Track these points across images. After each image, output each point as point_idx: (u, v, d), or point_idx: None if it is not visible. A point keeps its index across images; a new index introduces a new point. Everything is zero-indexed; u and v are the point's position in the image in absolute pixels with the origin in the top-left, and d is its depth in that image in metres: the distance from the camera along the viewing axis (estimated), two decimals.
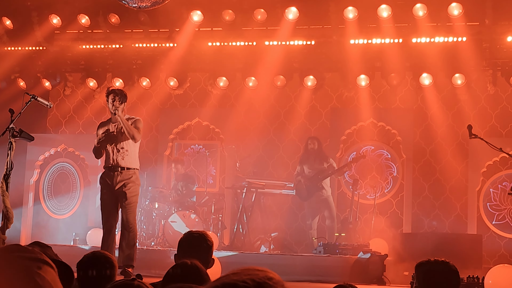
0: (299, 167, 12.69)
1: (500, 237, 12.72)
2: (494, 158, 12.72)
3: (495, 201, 12.88)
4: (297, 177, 12.59)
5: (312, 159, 12.57)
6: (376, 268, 9.95)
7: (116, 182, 8.90)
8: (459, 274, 4.22)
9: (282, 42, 12.64)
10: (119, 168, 8.91)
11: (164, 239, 12.22)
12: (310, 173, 12.52)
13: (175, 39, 13.05)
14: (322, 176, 12.44)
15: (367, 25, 12.19)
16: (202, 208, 12.80)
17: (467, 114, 13.01)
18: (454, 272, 4.16)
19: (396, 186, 13.40)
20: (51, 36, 13.56)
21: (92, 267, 4.07)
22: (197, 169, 14.16)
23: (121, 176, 8.92)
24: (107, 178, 8.96)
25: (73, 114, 14.82)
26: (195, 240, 4.64)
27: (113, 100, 8.96)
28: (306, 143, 12.71)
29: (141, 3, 7.61)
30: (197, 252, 4.57)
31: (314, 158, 12.56)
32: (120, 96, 9.03)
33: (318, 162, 12.52)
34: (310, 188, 12.45)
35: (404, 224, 13.08)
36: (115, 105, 8.93)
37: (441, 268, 4.16)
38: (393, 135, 13.40)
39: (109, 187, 8.93)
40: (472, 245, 11.14)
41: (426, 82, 12.51)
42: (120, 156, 8.92)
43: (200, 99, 14.26)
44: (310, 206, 12.54)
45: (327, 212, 12.51)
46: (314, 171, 12.50)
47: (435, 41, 12.02)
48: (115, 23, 12.83)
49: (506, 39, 11.93)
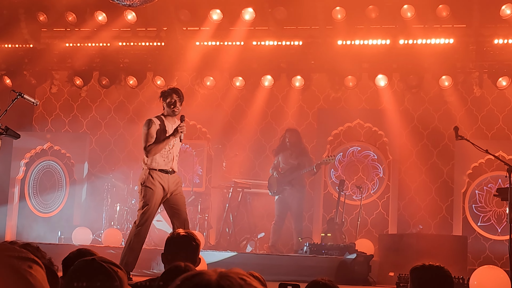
0: (277, 159, 12.33)
1: (485, 239, 12.78)
2: (480, 160, 12.77)
3: (481, 203, 12.94)
4: (272, 170, 12.30)
5: (288, 153, 12.17)
6: (361, 268, 9.97)
7: (170, 186, 8.43)
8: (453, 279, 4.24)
9: (270, 42, 12.65)
10: (173, 171, 8.50)
11: (150, 238, 12.20)
12: (284, 167, 12.17)
13: (162, 38, 13.04)
14: (296, 172, 12.01)
15: (355, 26, 12.22)
16: (188, 207, 12.76)
17: (453, 116, 13.08)
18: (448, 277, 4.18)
19: (382, 187, 13.44)
20: (38, 33, 13.53)
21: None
22: (183, 169, 14.13)
23: (174, 179, 8.50)
24: (161, 181, 8.39)
25: (59, 112, 14.76)
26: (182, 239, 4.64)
27: (176, 102, 8.47)
28: (284, 135, 12.32)
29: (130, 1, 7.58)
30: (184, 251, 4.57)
31: (291, 152, 12.16)
32: (182, 97, 8.58)
33: (294, 157, 12.13)
34: (281, 183, 12.07)
35: (390, 225, 13.11)
36: (177, 106, 8.48)
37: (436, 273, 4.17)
38: (380, 136, 13.43)
39: (163, 190, 8.40)
40: (457, 246, 11.17)
41: (413, 84, 12.54)
42: (175, 160, 8.53)
43: (187, 99, 14.14)
44: (280, 203, 12.16)
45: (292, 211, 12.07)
46: (288, 166, 12.12)
47: (423, 43, 12.07)
48: (102, 21, 12.79)
49: (493, 42, 11.99)
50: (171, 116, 8.54)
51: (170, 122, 8.55)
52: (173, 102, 8.43)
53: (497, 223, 12.79)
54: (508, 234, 8.39)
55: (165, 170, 8.42)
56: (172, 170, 8.47)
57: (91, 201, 13.71)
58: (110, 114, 14.48)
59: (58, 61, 13.86)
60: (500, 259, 12.39)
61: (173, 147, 8.48)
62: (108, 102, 14.45)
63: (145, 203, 8.33)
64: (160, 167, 8.40)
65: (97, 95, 14.45)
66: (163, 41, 13.06)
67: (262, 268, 9.21)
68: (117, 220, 12.82)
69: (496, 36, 11.91)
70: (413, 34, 12.04)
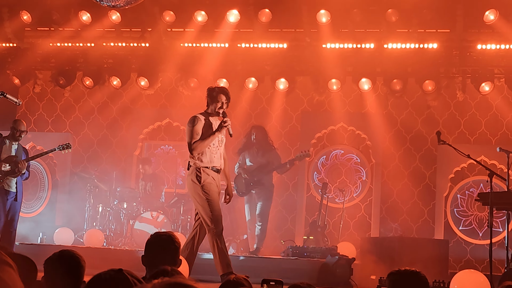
0: (241, 158, 11.90)
1: (467, 243, 12.84)
2: (462, 164, 12.84)
3: (462, 207, 13.00)
4: (238, 169, 11.85)
5: (255, 150, 11.81)
6: (343, 271, 9.98)
7: (218, 185, 8.18)
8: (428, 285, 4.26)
9: (255, 44, 12.65)
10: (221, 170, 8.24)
11: (132, 239, 12.17)
12: (251, 166, 11.79)
13: (147, 39, 13.01)
14: (265, 169, 11.68)
15: (340, 30, 12.24)
16: (171, 209, 12.76)
17: (436, 120, 13.15)
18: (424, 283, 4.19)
19: (365, 191, 13.47)
20: (22, 33, 13.45)
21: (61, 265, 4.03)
22: (166, 170, 14.11)
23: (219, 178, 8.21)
24: (215, 178, 8.11)
25: (42, 112, 14.70)
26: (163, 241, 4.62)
27: (223, 104, 8.21)
28: (250, 132, 11.99)
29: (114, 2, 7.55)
30: (165, 253, 4.55)
31: (257, 150, 11.80)
32: (229, 98, 8.34)
33: (261, 155, 11.78)
34: (250, 183, 11.71)
35: (372, 228, 13.15)
36: (224, 108, 8.21)
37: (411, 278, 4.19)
38: (363, 139, 13.47)
39: (216, 188, 8.13)
40: (438, 250, 11.21)
41: (396, 88, 12.58)
42: (222, 158, 8.23)
43: (171, 100, 14.22)
44: (249, 203, 11.84)
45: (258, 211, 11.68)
46: (256, 165, 11.74)
47: (407, 47, 12.10)
48: (86, 22, 12.73)
49: (476, 47, 12.05)
50: (216, 116, 8.25)
51: (214, 119, 8.26)
52: (220, 104, 8.19)
53: (478, 228, 12.86)
54: (489, 239, 8.44)
55: (215, 168, 8.12)
56: (221, 168, 8.21)
57: (73, 201, 13.64)
58: (93, 115, 14.43)
59: (42, 60, 13.78)
60: (481, 263, 12.46)
61: (221, 145, 8.20)
62: (92, 102, 14.40)
63: (211, 201, 7.99)
64: (212, 164, 8.08)
65: (81, 95, 14.39)
66: (147, 42, 13.03)
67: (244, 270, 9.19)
68: (99, 221, 12.78)
69: (479, 41, 11.97)
70: (397, 38, 12.08)
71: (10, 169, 9.86)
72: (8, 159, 9.91)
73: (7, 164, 9.86)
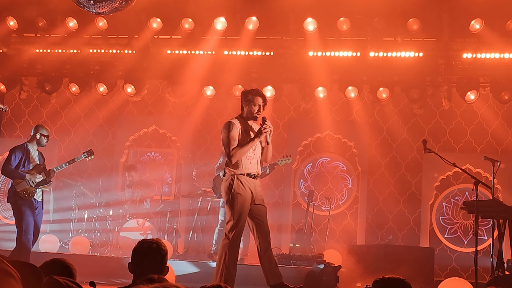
0: (221, 158, 11.30)
1: (452, 251, 12.89)
2: (448, 172, 12.91)
3: (448, 215, 13.05)
4: (217, 170, 11.42)
5: None
6: (329, 279, 9.98)
7: (257, 191, 7.79)
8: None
9: (241, 52, 12.66)
10: (258, 177, 7.87)
11: (118, 247, 12.14)
12: None
13: (133, 46, 12.99)
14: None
15: (326, 38, 12.28)
16: (157, 216, 12.73)
17: (422, 128, 13.21)
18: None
19: (351, 198, 13.50)
20: (8, 39, 13.40)
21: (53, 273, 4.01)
22: (152, 177, 14.09)
23: (259, 185, 7.88)
24: (250, 186, 7.73)
25: (28, 118, 14.64)
26: (150, 248, 4.59)
27: (261, 107, 7.96)
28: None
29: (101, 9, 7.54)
30: (152, 260, 4.54)
31: None
32: (266, 101, 8.10)
33: None
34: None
35: (358, 236, 13.17)
36: (261, 111, 7.94)
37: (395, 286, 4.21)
38: (349, 147, 13.50)
39: (251, 196, 7.73)
40: (424, 257, 11.25)
41: (383, 96, 12.62)
42: (259, 163, 7.88)
43: (158, 107, 14.21)
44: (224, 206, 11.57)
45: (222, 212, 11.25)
46: None
47: (393, 56, 12.15)
48: (73, 28, 12.70)
49: (462, 56, 12.12)
50: (251, 120, 7.96)
51: (251, 123, 7.97)
52: (258, 107, 7.91)
53: (464, 235, 12.91)
54: (474, 246, 8.48)
55: (252, 174, 7.77)
56: (258, 174, 7.88)
57: (59, 208, 13.58)
58: (79, 121, 14.39)
59: (28, 66, 13.75)
60: (466, 271, 12.51)
61: (255, 149, 7.84)
62: (78, 109, 14.36)
63: (237, 212, 7.61)
64: (247, 171, 7.73)
65: (67, 101, 14.35)
66: (134, 48, 13.01)
67: None
68: (85, 228, 12.73)
69: (464, 50, 12.04)
70: (384, 46, 12.13)
71: (42, 180, 9.66)
72: (38, 168, 9.70)
73: (39, 174, 9.59)
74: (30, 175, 9.43)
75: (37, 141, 9.67)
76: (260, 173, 7.93)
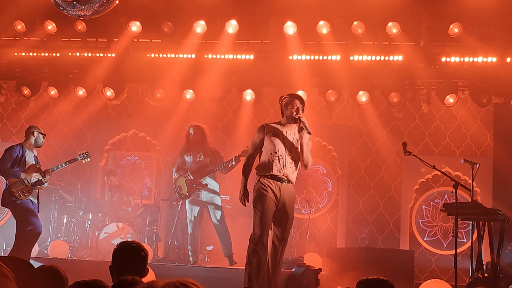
0: (180, 159, 11.41)
1: (431, 253, 12.95)
2: (427, 175, 12.98)
3: (427, 218, 13.12)
4: (178, 171, 11.37)
5: (196, 150, 11.33)
6: (310, 282, 9.99)
7: (283, 196, 7.75)
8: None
9: (221, 55, 12.64)
10: (288, 181, 7.80)
11: (98, 251, 12.07)
12: (193, 166, 11.30)
13: (113, 49, 12.93)
14: (209, 169, 11.23)
15: (306, 41, 12.29)
16: (136, 220, 12.68)
17: (401, 131, 13.27)
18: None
19: (331, 202, 13.52)
20: None
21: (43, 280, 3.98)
22: (132, 181, 14.04)
23: (289, 190, 7.81)
24: (272, 188, 7.72)
25: (6, 121, 14.54)
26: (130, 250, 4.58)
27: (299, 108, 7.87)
28: (187, 131, 11.54)
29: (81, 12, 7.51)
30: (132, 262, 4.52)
31: (198, 149, 11.33)
32: (304, 103, 8.00)
33: (203, 154, 11.32)
34: (193, 183, 11.28)
35: (338, 239, 13.20)
36: (300, 113, 7.85)
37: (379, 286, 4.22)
38: (329, 150, 13.53)
39: (275, 198, 7.73)
40: (404, 260, 11.30)
41: (362, 99, 12.66)
42: (289, 167, 7.78)
43: (137, 110, 14.17)
44: (190, 208, 11.37)
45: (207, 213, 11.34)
46: (198, 165, 11.30)
47: (373, 59, 12.19)
48: (51, 31, 12.63)
49: (441, 60, 12.17)
50: (291, 124, 7.93)
51: (287, 126, 7.95)
52: (296, 108, 7.85)
53: (443, 238, 12.99)
54: (453, 249, 8.52)
55: (277, 177, 7.73)
56: (286, 178, 7.78)
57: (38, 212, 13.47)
58: (58, 125, 14.31)
59: (6, 70, 13.66)
60: (445, 274, 12.58)
61: (278, 151, 7.78)
62: (57, 112, 14.27)
63: (257, 213, 7.67)
64: (271, 172, 7.72)
65: (46, 105, 14.26)
66: (113, 52, 12.94)
67: (209, 281, 9.18)
68: (64, 232, 12.65)
69: (444, 54, 12.11)
70: (363, 50, 12.17)
71: (38, 180, 9.57)
72: (33, 168, 9.61)
73: (36, 175, 9.56)
74: (25, 174, 9.41)
75: (35, 140, 9.67)
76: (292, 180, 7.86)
